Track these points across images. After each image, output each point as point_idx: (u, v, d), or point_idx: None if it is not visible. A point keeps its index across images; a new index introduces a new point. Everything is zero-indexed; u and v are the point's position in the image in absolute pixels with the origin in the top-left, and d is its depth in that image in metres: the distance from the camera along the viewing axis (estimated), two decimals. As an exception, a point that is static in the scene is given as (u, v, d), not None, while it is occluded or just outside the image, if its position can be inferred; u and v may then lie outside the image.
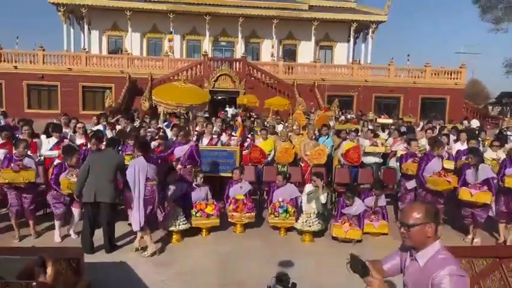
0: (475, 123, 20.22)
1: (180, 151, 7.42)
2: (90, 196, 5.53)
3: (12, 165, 5.77)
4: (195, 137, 8.09)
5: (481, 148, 8.72)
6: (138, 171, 5.40)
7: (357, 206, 6.40)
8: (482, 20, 28.67)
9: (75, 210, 6.06)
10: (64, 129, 8.17)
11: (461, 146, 8.46)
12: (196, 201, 6.39)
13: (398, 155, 8.15)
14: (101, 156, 5.85)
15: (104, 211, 5.64)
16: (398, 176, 7.93)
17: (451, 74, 28.03)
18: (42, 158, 7.36)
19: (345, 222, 6.23)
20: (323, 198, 6.64)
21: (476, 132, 11.45)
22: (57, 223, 6.07)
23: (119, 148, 6.72)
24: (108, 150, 5.98)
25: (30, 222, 6.10)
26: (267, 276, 2.89)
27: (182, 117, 11.42)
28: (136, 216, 5.45)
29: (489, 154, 7.80)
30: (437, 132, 10.56)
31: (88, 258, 4.92)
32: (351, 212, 6.40)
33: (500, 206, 6.23)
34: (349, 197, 6.36)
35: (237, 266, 5.32)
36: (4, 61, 25.07)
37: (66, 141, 7.30)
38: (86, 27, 30.01)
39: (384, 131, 11.50)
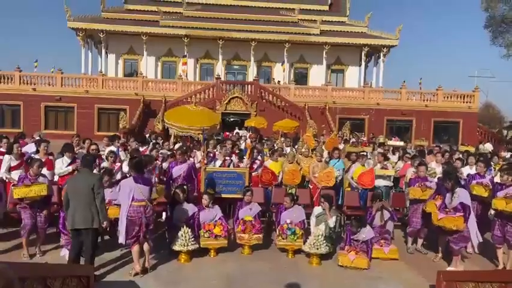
0: (488, 147, 19.96)
1: (178, 170, 7.61)
2: (69, 223, 5.21)
3: (25, 182, 5.95)
4: (206, 158, 8.25)
5: (492, 172, 8.64)
6: (124, 191, 5.47)
7: (366, 233, 6.33)
8: (493, 44, 28.76)
9: None
10: (77, 150, 8.36)
11: (470, 169, 8.40)
12: (205, 222, 6.46)
13: (407, 180, 8.13)
14: (76, 180, 5.43)
15: (86, 237, 5.19)
16: (408, 199, 7.90)
17: (463, 98, 27.91)
18: (56, 178, 7.55)
19: (351, 251, 6.13)
20: (331, 223, 6.63)
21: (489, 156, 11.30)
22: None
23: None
24: (83, 172, 5.52)
25: (39, 240, 6.16)
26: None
27: (196, 139, 11.59)
28: (121, 231, 5.47)
29: (499, 178, 7.71)
30: (448, 156, 10.45)
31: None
32: (360, 239, 6.33)
33: (495, 230, 6.09)
34: (357, 226, 6.32)
35: (244, 287, 5.34)
36: (23, 83, 25.98)
37: (78, 162, 7.46)
38: (103, 51, 30.98)
39: (394, 154, 11.48)
